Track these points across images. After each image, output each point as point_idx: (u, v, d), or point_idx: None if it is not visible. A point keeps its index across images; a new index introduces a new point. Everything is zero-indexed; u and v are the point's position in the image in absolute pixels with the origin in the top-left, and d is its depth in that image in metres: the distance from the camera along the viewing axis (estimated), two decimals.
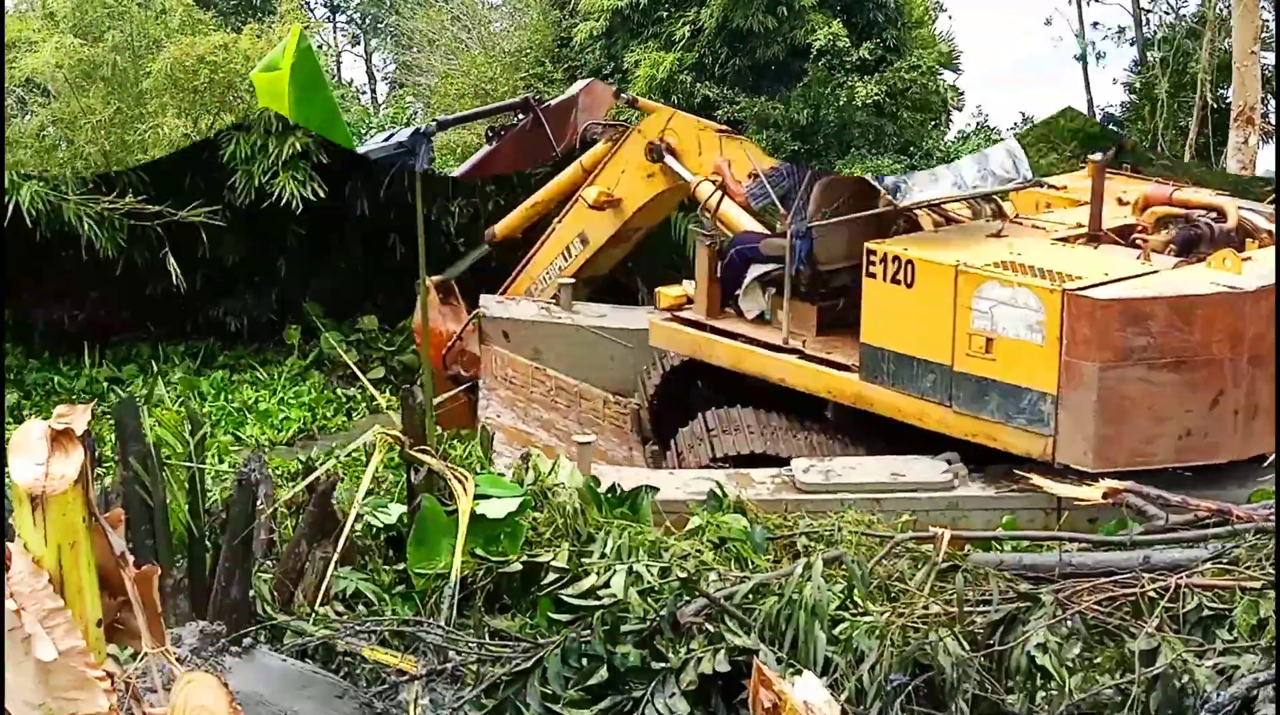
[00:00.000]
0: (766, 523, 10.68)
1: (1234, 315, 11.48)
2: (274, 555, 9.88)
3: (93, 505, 5.92)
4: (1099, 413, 11.38)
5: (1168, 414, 11.46)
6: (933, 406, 12.05)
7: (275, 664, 8.42)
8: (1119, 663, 8.10)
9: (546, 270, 16.04)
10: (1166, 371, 11.40)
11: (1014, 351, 11.60)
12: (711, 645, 8.50)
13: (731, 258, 13.73)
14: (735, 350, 13.55)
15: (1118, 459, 11.44)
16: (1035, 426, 11.51)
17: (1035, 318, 11.47)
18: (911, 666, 8.28)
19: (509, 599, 9.64)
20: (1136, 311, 11.41)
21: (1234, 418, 11.54)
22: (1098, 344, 11.36)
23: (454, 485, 9.88)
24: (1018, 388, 11.57)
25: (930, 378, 11.98)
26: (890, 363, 12.19)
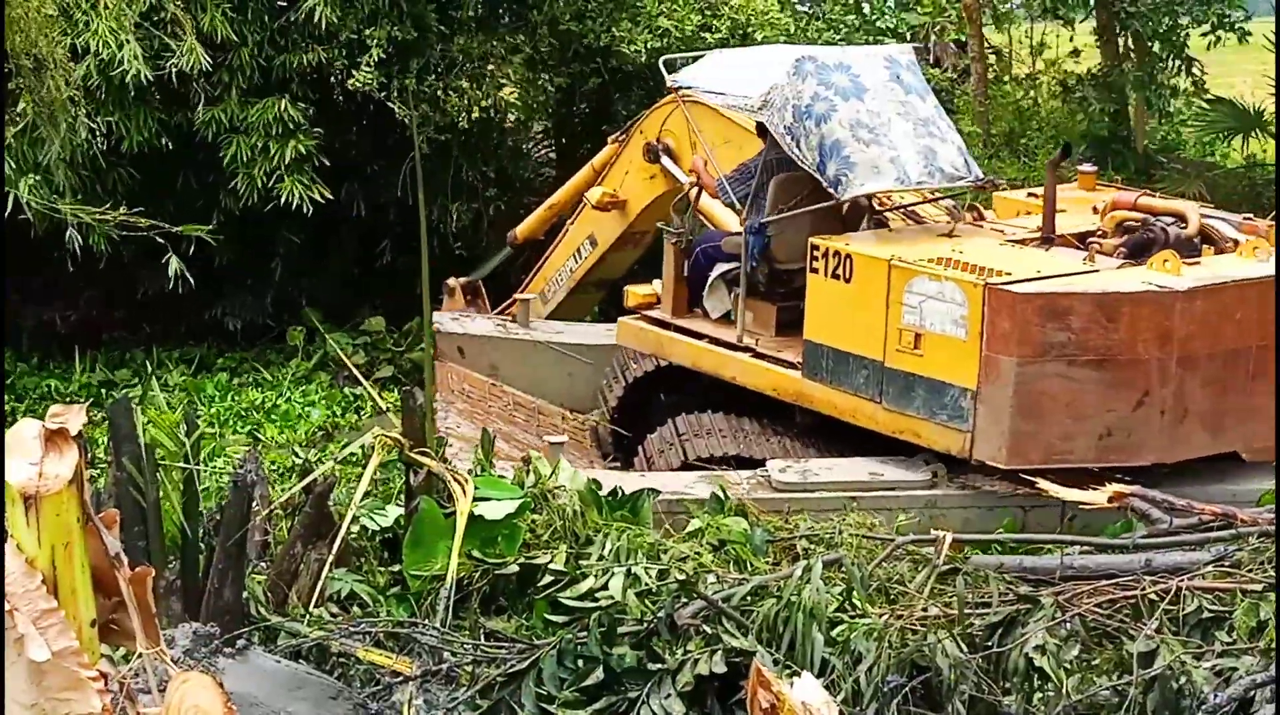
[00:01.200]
0: (767, 526, 10.65)
1: (1162, 314, 11.28)
2: (269, 557, 9.86)
3: (87, 506, 5.90)
4: (1015, 408, 11.22)
5: (1088, 412, 11.28)
6: (865, 403, 11.91)
7: (269, 665, 8.41)
8: (1117, 664, 8.10)
9: (559, 272, 15.98)
10: (1088, 369, 11.23)
11: (940, 347, 11.45)
12: (708, 647, 8.49)
13: (697, 256, 13.60)
14: (693, 348, 13.43)
15: (1033, 456, 11.29)
16: (955, 422, 11.37)
17: (960, 312, 11.34)
18: (909, 668, 8.27)
19: (505, 601, 9.61)
20: (1056, 306, 11.24)
21: (1160, 419, 11.36)
22: (1016, 339, 11.19)
23: (453, 487, 9.86)
24: (942, 383, 11.43)
25: (863, 374, 11.86)
26: (829, 359, 12.08)
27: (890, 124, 12.35)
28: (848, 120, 12.20)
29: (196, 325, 20.31)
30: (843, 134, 12.14)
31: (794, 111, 12.25)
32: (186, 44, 17.25)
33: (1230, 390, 11.52)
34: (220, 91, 18.54)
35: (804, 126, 12.20)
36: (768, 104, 12.52)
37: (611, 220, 15.21)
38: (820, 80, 12.32)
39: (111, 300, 20.61)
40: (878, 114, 12.35)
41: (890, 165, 12.16)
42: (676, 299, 13.74)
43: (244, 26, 18.35)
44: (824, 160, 12.12)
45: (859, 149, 12.11)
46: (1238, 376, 11.52)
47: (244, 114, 18.41)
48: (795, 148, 12.28)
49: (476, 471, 10.33)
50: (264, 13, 18.62)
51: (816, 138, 12.15)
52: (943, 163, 12.39)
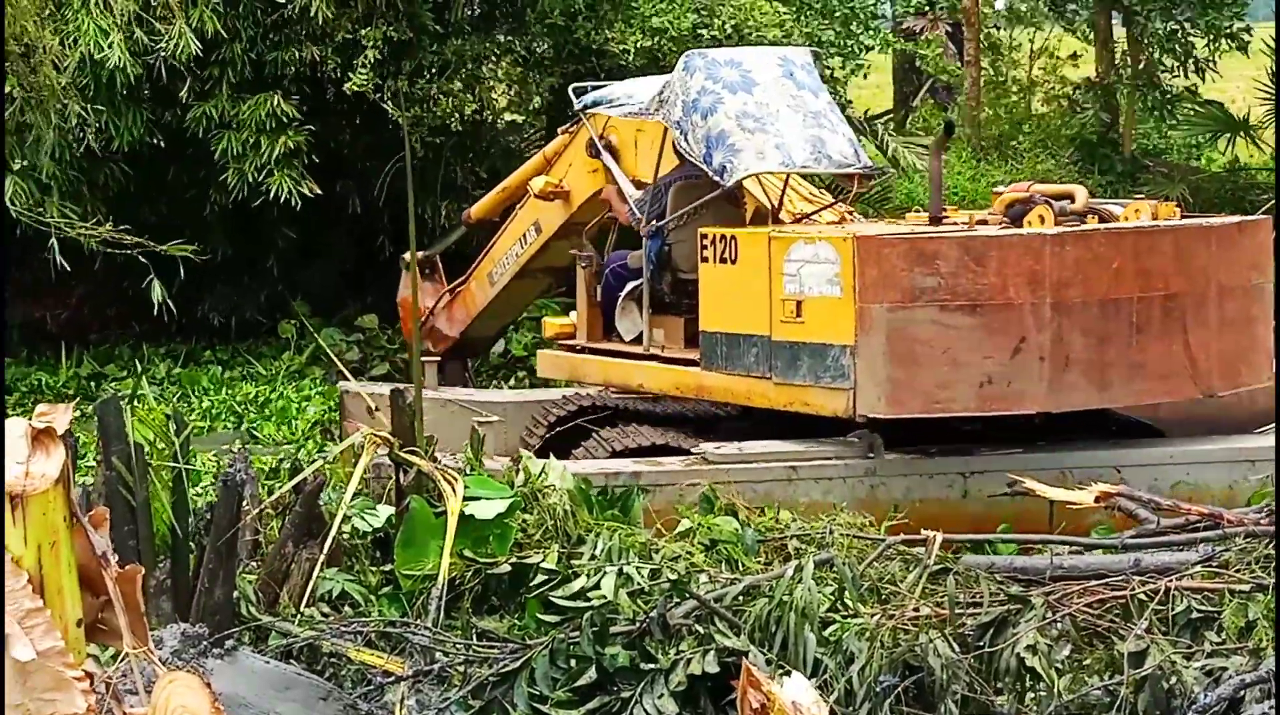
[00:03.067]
0: (758, 526, 10.64)
1: (1031, 258, 11.29)
2: (259, 556, 9.85)
3: (74, 504, 5.88)
4: (890, 356, 11.24)
5: (965, 360, 11.27)
6: (757, 382, 11.88)
7: (258, 665, 8.39)
8: (1108, 664, 8.09)
9: (506, 255, 15.95)
10: (960, 314, 11.23)
11: (818, 309, 11.46)
12: (701, 646, 8.48)
13: (607, 279, 13.63)
14: (604, 365, 13.50)
15: (912, 404, 11.33)
16: (839, 382, 11.34)
17: (834, 270, 11.35)
18: (901, 668, 8.27)
19: (497, 600, 9.60)
20: (922, 250, 11.28)
21: (1040, 366, 11.34)
22: (885, 285, 11.22)
23: (443, 486, 9.86)
24: (823, 346, 11.42)
25: (753, 352, 11.85)
26: (723, 345, 12.09)
27: (778, 115, 12.40)
28: (734, 112, 12.25)
29: (188, 322, 20.31)
30: (728, 124, 12.19)
31: (682, 106, 12.36)
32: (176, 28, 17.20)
33: (1113, 342, 11.53)
34: (211, 87, 18.56)
35: (691, 120, 12.28)
36: (661, 101, 12.63)
37: (555, 210, 15.12)
38: (708, 75, 12.41)
39: (102, 297, 20.62)
40: (766, 105, 12.40)
41: (775, 150, 12.19)
42: (591, 324, 13.82)
43: (236, 21, 18.35)
44: (710, 151, 12.17)
45: (744, 137, 12.15)
46: (1120, 328, 11.54)
47: (235, 110, 18.42)
48: (684, 141, 12.39)
49: (466, 471, 10.32)
50: (257, 8, 18.61)
51: (703, 130, 12.21)
52: (831, 151, 12.41)
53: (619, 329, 13.56)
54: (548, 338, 14.50)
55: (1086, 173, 23.59)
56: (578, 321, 14.08)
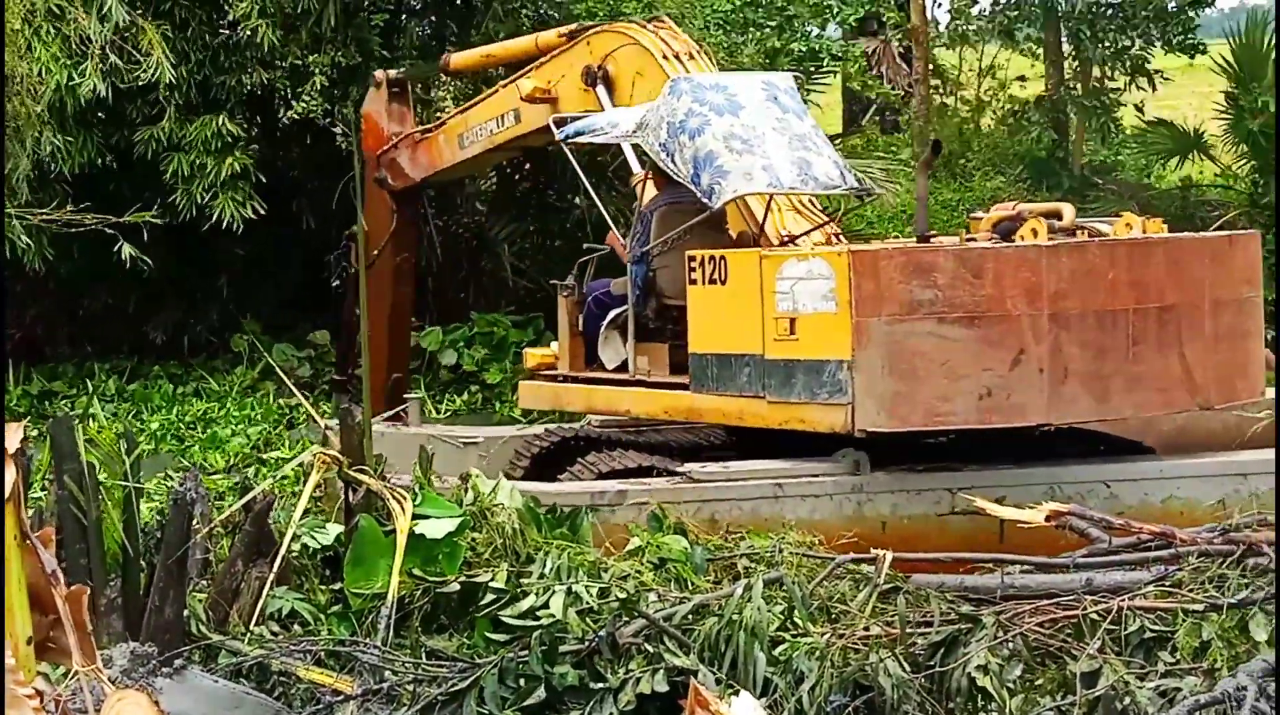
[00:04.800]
0: (708, 544, 10.64)
1: (1028, 269, 11.35)
2: (209, 575, 9.80)
3: (24, 523, 5.85)
4: (889, 369, 11.25)
5: (964, 372, 11.29)
6: (750, 401, 11.84)
7: (207, 684, 8.36)
8: (1060, 684, 8.10)
9: (481, 126, 15.78)
10: (958, 327, 11.25)
11: (813, 326, 11.44)
12: (650, 665, 8.47)
13: (589, 307, 13.53)
14: (588, 392, 13.40)
15: (913, 418, 11.33)
16: (836, 397, 11.31)
17: (828, 286, 11.33)
18: (852, 687, 8.27)
19: (446, 619, 9.57)
20: (919, 262, 11.31)
21: (1040, 378, 11.38)
22: (882, 298, 11.24)
23: (392, 505, 9.82)
24: (819, 362, 11.39)
25: (746, 372, 11.81)
26: (713, 366, 12.05)
27: (765, 137, 12.35)
28: (721, 133, 12.20)
29: (139, 341, 20.25)
30: (716, 145, 12.13)
31: (668, 128, 12.28)
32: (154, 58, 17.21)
33: (1110, 354, 11.56)
34: (157, 110, 18.51)
35: (678, 141, 12.22)
36: (643, 125, 12.57)
37: (538, 111, 14.95)
38: (695, 98, 12.37)
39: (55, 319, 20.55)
40: (753, 128, 12.35)
41: (763, 172, 12.18)
42: (573, 353, 13.67)
43: (185, 44, 18.32)
44: (698, 172, 12.11)
45: (732, 158, 12.10)
46: (1117, 340, 11.57)
47: (183, 131, 18.39)
48: (670, 162, 12.30)
49: (415, 490, 10.28)
50: (205, 32, 18.59)
51: (690, 151, 12.15)
52: (817, 172, 12.40)
53: (602, 358, 13.43)
54: (529, 369, 14.36)
55: (1035, 190, 23.72)
56: (559, 351, 13.91)
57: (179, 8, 18.63)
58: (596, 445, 13.30)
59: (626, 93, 14.18)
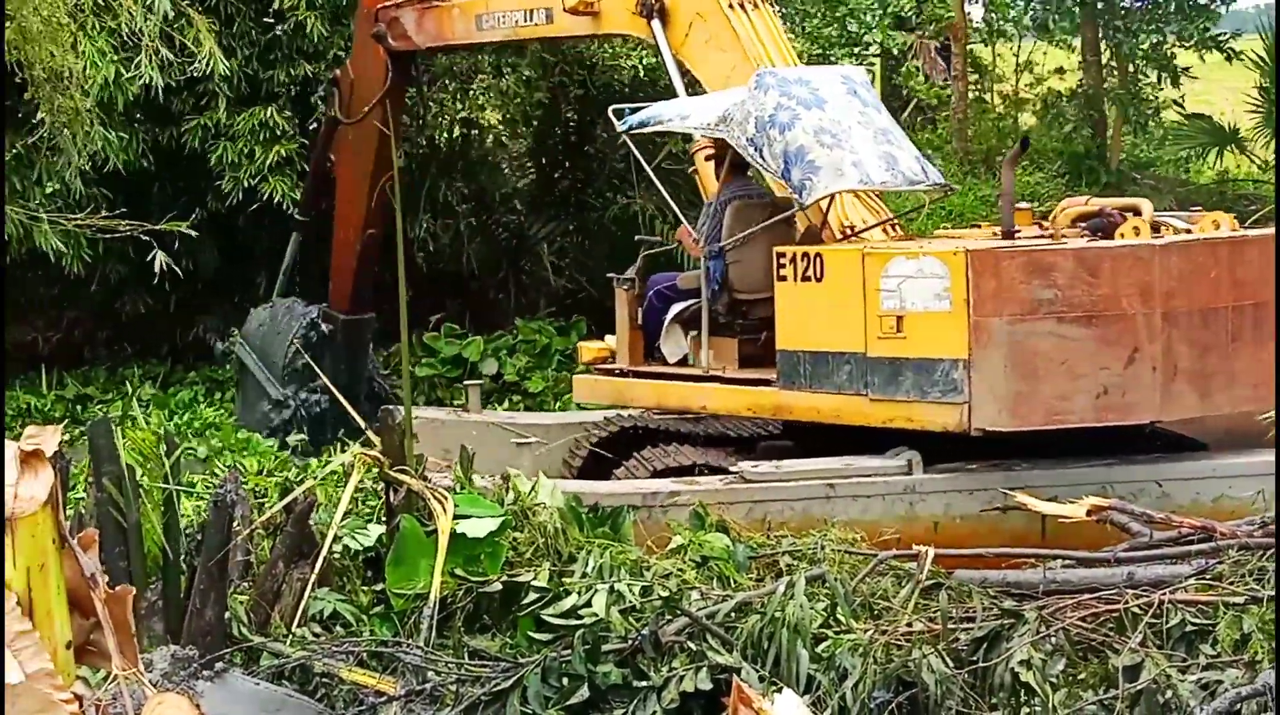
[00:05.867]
0: (750, 542, 10.62)
1: (1142, 269, 11.40)
2: (250, 577, 9.82)
3: (63, 527, 5.85)
4: (1011, 369, 11.28)
5: (1082, 371, 11.34)
6: (849, 399, 11.83)
7: (249, 687, 8.36)
8: (1102, 679, 8.06)
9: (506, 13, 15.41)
10: (1077, 326, 11.31)
11: (923, 324, 11.45)
12: (693, 663, 8.46)
13: (650, 300, 13.50)
14: (657, 388, 13.31)
15: (1033, 417, 11.35)
16: (949, 397, 11.33)
17: (942, 285, 11.35)
18: (895, 684, 8.24)
19: (489, 619, 9.57)
20: (1040, 262, 11.34)
21: (1152, 376, 11.43)
22: (1004, 298, 11.26)
23: (433, 505, 9.83)
24: (930, 361, 11.41)
25: (845, 370, 11.80)
26: (807, 364, 12.02)
27: (851, 131, 12.36)
28: (811, 127, 12.18)
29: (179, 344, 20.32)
30: (806, 140, 12.11)
31: (756, 122, 12.22)
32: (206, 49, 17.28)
33: (1213, 351, 11.65)
34: (206, 103, 18.65)
35: (767, 135, 12.17)
36: (726, 119, 12.47)
37: (575, 21, 14.76)
38: (782, 92, 12.32)
39: (94, 320, 20.62)
40: (838, 122, 12.34)
41: (853, 168, 12.16)
42: (633, 347, 13.62)
43: (232, 39, 18.43)
44: (788, 166, 12.08)
45: (823, 153, 12.09)
46: (1219, 336, 11.66)
47: (231, 123, 18.52)
48: (759, 157, 12.25)
49: (456, 489, 10.29)
50: (251, 27, 18.70)
51: (780, 145, 12.11)
52: (903, 167, 12.41)
53: (663, 352, 13.39)
54: (585, 363, 14.28)
55: (1073, 186, 23.61)
56: (618, 345, 13.78)
57: (225, 2, 18.74)
58: (655, 437, 13.26)
59: (681, 33, 13.96)
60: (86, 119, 15.76)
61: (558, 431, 14.60)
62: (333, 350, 17.70)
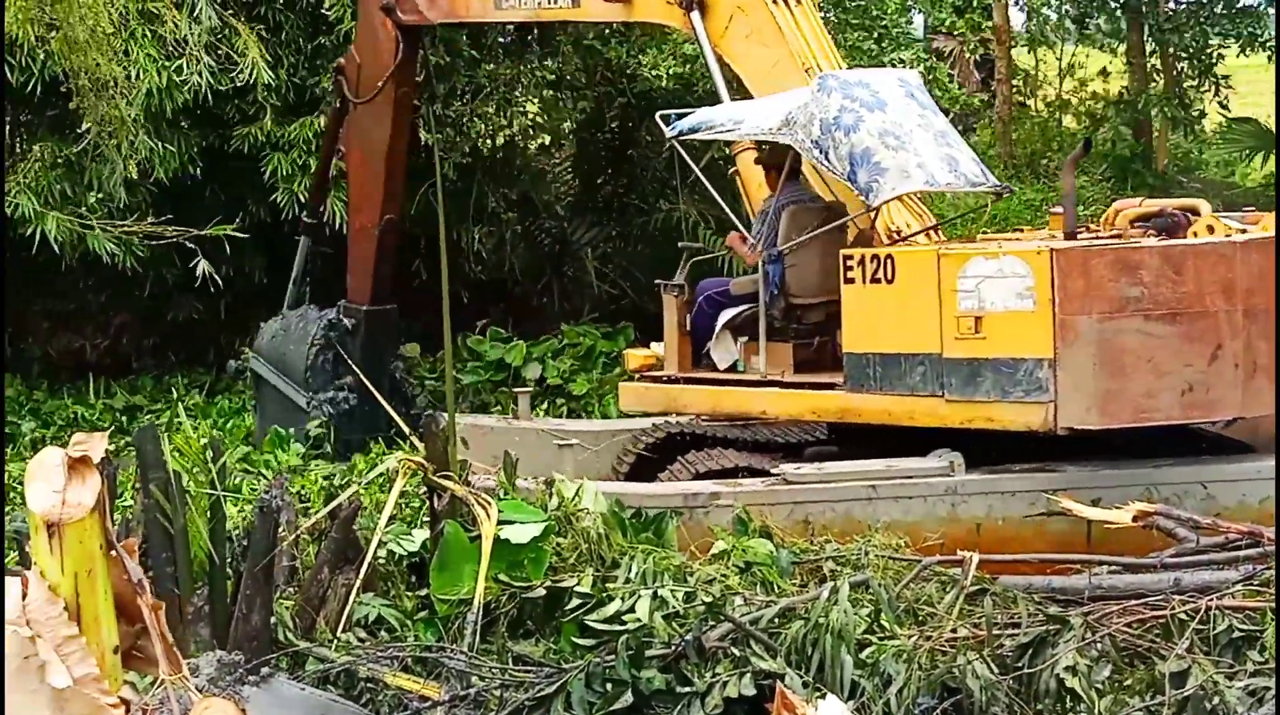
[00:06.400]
0: (793, 547, 10.61)
1: (1225, 266, 11.40)
2: (296, 582, 9.85)
3: (110, 533, 5.88)
4: (1099, 367, 11.26)
5: (1168, 368, 11.34)
6: (923, 401, 11.79)
7: (293, 693, 8.37)
8: (1149, 685, 8.03)
9: None
10: (1163, 323, 11.30)
11: (1005, 324, 11.44)
12: (737, 669, 8.45)
13: (700, 306, 13.45)
14: (711, 394, 13.25)
15: (1121, 415, 11.34)
16: (1033, 396, 11.31)
17: (1024, 284, 11.33)
18: (940, 689, 8.23)
19: (533, 624, 9.58)
20: (1127, 260, 11.34)
21: (1235, 372, 11.43)
22: (1092, 296, 11.26)
23: (477, 511, 9.84)
24: (1012, 360, 11.40)
25: (919, 371, 11.77)
26: (877, 366, 11.98)
27: (913, 133, 12.39)
28: (875, 129, 12.21)
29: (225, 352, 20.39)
30: (872, 142, 12.14)
31: (821, 124, 12.21)
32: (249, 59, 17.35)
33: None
34: (255, 112, 18.70)
35: (833, 137, 12.17)
36: (790, 122, 12.44)
37: (605, 8, 14.64)
38: (845, 94, 12.33)
39: (142, 328, 20.71)
40: (900, 124, 12.38)
41: (918, 169, 12.19)
42: (682, 353, 13.54)
43: (279, 48, 18.49)
44: (854, 168, 12.10)
45: (888, 155, 12.12)
46: None
47: (280, 132, 18.56)
48: (824, 159, 12.24)
49: (500, 495, 10.31)
50: (299, 36, 18.76)
51: (846, 147, 12.12)
52: (964, 169, 12.46)
53: (714, 358, 13.34)
54: (631, 370, 14.18)
55: (1119, 189, 23.56)
56: (666, 352, 13.68)
57: (273, 11, 18.81)
58: (701, 443, 13.24)
59: (721, 26, 13.85)
60: (132, 128, 15.85)
61: (605, 438, 14.58)
62: (356, 347, 17.16)
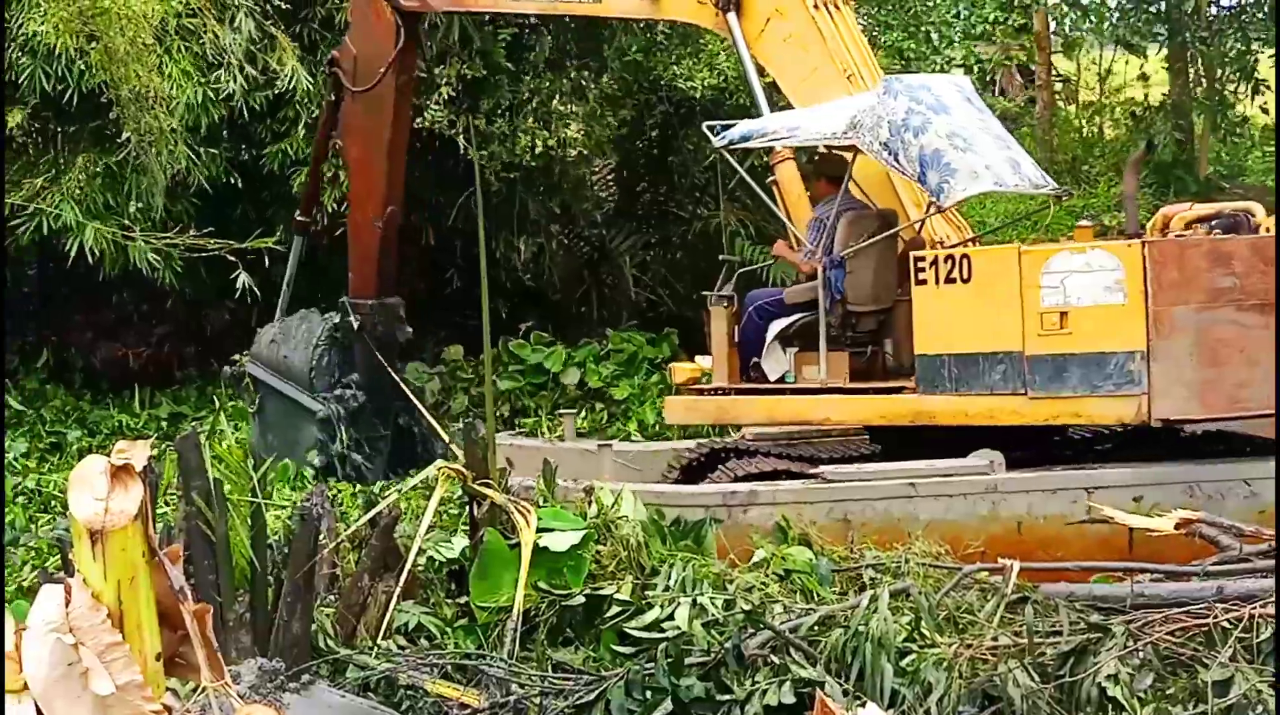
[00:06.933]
0: (832, 555, 10.59)
1: None
2: (336, 589, 9.87)
3: (152, 540, 5.90)
4: (1197, 357, 11.31)
5: (1259, 359, 11.33)
6: (1004, 399, 11.80)
7: (334, 700, 8.40)
8: (1192, 693, 7.99)
9: None
10: (1254, 313, 11.36)
11: (1093, 318, 11.49)
12: (777, 677, 8.44)
13: (750, 316, 13.36)
14: (767, 404, 13.16)
15: (1218, 404, 11.41)
16: (1126, 388, 11.33)
17: (1114, 277, 11.38)
18: (980, 698, 8.20)
19: (572, 632, 9.59)
20: (1220, 252, 11.42)
21: None
22: (1187, 287, 11.32)
23: (516, 518, 9.86)
24: (1101, 355, 11.44)
25: (1000, 369, 11.78)
26: (952, 367, 12.00)
27: (977, 136, 12.52)
28: (943, 131, 12.30)
29: None
30: (940, 144, 12.22)
31: (889, 127, 12.27)
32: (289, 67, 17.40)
33: None
34: (287, 127, 18.72)
35: (902, 139, 12.23)
36: (856, 125, 12.44)
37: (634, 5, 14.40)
38: (911, 97, 12.44)
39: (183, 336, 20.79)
40: (964, 127, 12.50)
41: (986, 171, 12.28)
42: (732, 367, 13.46)
43: (314, 65, 18.52)
44: (924, 170, 12.18)
45: (957, 156, 12.19)
46: None
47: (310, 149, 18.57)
48: (894, 161, 12.30)
49: (539, 503, 10.31)
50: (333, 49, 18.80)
51: (916, 148, 12.19)
52: (1025, 172, 12.55)
53: (764, 367, 13.25)
54: (678, 384, 14.06)
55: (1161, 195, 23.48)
56: (715, 364, 13.55)
57: (308, 30, 18.86)
58: (745, 455, 13.23)
59: (756, 27, 13.76)
60: (170, 138, 15.90)
61: (651, 458, 14.53)
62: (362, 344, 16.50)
